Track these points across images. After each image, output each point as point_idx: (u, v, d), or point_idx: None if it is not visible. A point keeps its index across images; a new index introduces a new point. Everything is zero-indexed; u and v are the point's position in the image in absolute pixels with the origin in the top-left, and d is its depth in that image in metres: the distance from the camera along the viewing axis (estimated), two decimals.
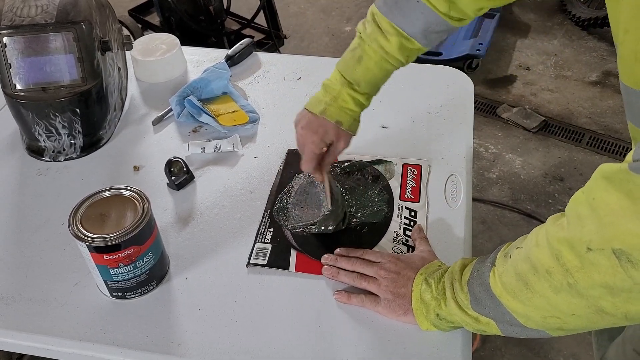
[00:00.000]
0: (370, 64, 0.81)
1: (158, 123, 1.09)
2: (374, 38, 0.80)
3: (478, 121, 2.37)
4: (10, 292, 0.79)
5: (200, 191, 0.94)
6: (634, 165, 0.46)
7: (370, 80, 0.82)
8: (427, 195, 0.92)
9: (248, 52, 1.26)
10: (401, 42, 0.79)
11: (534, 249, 0.56)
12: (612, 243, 0.48)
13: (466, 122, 1.07)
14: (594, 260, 0.50)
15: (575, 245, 0.51)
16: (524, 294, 0.57)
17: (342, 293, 0.76)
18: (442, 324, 0.69)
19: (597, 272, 0.50)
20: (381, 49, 0.80)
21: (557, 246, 0.53)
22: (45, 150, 1.01)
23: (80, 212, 0.73)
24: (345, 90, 0.82)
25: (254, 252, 0.83)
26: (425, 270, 0.73)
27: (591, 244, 0.49)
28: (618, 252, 0.47)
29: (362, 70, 0.81)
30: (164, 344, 0.72)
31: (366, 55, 0.81)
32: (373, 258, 0.78)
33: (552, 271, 0.54)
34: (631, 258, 0.47)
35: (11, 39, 0.93)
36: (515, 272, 0.58)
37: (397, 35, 0.78)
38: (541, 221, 1.96)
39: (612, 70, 2.67)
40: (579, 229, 0.51)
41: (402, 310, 0.72)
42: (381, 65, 0.81)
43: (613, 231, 0.48)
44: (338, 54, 0.86)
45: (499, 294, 0.60)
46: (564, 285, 0.53)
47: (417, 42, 0.79)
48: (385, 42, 0.79)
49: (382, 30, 0.79)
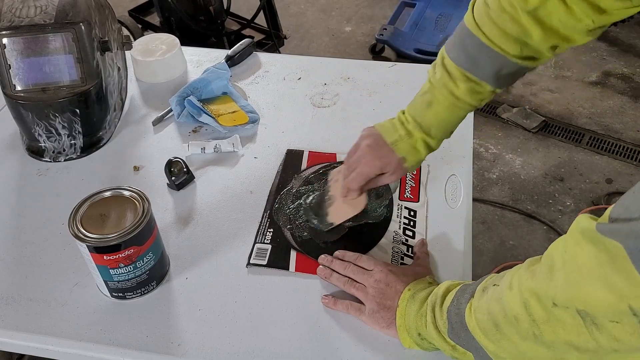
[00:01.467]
0: (440, 109, 0.77)
1: (158, 123, 1.09)
2: (443, 84, 0.76)
3: (478, 121, 2.37)
4: (10, 292, 0.79)
5: (200, 191, 0.94)
6: (601, 226, 0.45)
7: (441, 125, 0.79)
8: (426, 195, 0.92)
9: (248, 52, 1.26)
10: (471, 87, 0.75)
11: (507, 292, 0.55)
12: (575, 303, 0.47)
13: (466, 122, 1.06)
14: (559, 317, 0.49)
15: (542, 297, 0.50)
16: (494, 335, 0.56)
17: (329, 298, 0.76)
18: (424, 344, 0.68)
19: (562, 328, 0.49)
20: (451, 94, 0.76)
21: (526, 295, 0.52)
22: (45, 151, 1.01)
23: (80, 212, 0.73)
24: (418, 132, 0.79)
25: (253, 252, 0.83)
26: (414, 286, 0.72)
27: (556, 299, 0.48)
28: (582, 313, 0.46)
29: (432, 116, 0.78)
30: (164, 344, 0.72)
31: (436, 100, 0.77)
32: (366, 265, 0.77)
33: (519, 319, 0.53)
34: (595, 321, 0.46)
35: (10, 40, 0.93)
36: (488, 311, 0.57)
37: (466, 81, 0.74)
38: (541, 221, 1.97)
39: (612, 71, 2.67)
40: (547, 282, 0.50)
41: (385, 322, 0.71)
42: (452, 111, 0.78)
43: (576, 291, 0.46)
44: (338, 54, 0.86)
45: (471, 329, 0.59)
46: (530, 334, 0.52)
47: (489, 85, 0.75)
48: (455, 87, 0.75)
49: (451, 76, 0.75)
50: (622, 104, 2.48)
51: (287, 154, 1.01)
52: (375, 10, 3.29)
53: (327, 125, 1.08)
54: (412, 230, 0.86)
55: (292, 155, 1.00)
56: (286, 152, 1.01)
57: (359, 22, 3.16)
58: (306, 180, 0.94)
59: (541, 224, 1.98)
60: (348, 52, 2.88)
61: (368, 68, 1.22)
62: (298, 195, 0.91)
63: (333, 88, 1.17)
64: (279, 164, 0.99)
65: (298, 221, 0.87)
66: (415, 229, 0.87)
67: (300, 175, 0.96)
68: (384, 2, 3.33)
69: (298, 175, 0.96)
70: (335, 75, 1.20)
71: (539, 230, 1.96)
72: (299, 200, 0.90)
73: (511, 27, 0.69)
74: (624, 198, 0.45)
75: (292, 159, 0.99)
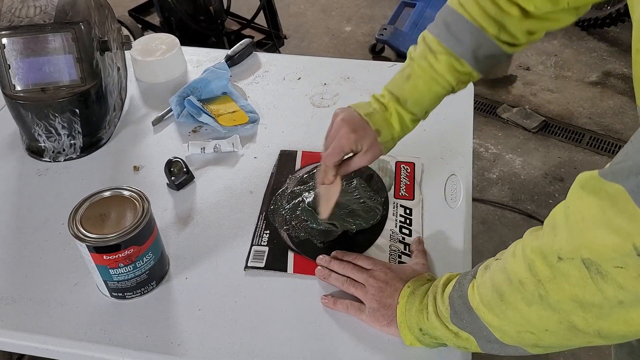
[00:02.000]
0: (418, 82, 0.78)
1: (158, 123, 1.09)
2: (423, 56, 0.77)
3: (478, 121, 2.37)
4: (10, 292, 0.79)
5: (200, 191, 0.94)
6: (604, 171, 0.45)
7: (418, 100, 0.79)
8: (421, 192, 0.92)
9: (248, 52, 1.26)
10: (451, 61, 0.76)
11: (510, 259, 0.56)
12: (580, 252, 0.47)
13: (466, 122, 1.07)
14: (564, 271, 0.49)
15: (547, 254, 0.50)
16: (499, 307, 0.56)
17: (328, 297, 0.76)
18: (425, 339, 0.68)
19: (567, 283, 0.49)
20: (430, 67, 0.77)
21: (530, 256, 0.52)
22: (45, 151, 1.01)
23: (80, 212, 0.73)
24: (393, 104, 0.79)
25: (250, 255, 0.83)
26: (413, 283, 0.72)
27: (561, 252, 0.49)
28: (587, 262, 0.47)
29: (410, 88, 0.78)
30: (164, 344, 0.72)
31: (414, 73, 0.78)
32: (364, 264, 0.77)
33: (524, 282, 0.53)
34: (600, 269, 0.46)
35: (10, 40, 0.93)
36: (492, 284, 0.57)
37: (446, 54, 0.76)
38: (541, 221, 1.96)
39: (612, 71, 2.67)
40: (552, 238, 0.50)
41: (385, 320, 0.71)
42: (430, 85, 0.78)
43: (581, 239, 0.47)
44: (338, 54, 0.86)
45: (475, 307, 0.59)
46: (535, 297, 0.52)
47: (467, 63, 0.76)
48: (435, 60, 0.76)
49: (432, 50, 0.77)
50: (622, 104, 2.48)
51: (280, 155, 1.00)
52: (375, 10, 3.29)
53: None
54: (409, 228, 0.86)
55: (286, 155, 1.00)
56: (279, 153, 1.01)
57: (359, 22, 3.16)
58: (300, 180, 0.94)
59: (541, 224, 1.97)
60: (348, 52, 2.88)
61: (368, 68, 1.22)
62: (293, 196, 0.91)
63: (333, 88, 1.17)
64: (273, 165, 0.99)
65: (294, 222, 0.87)
66: (411, 227, 0.87)
67: (294, 176, 0.95)
68: (384, 2, 3.33)
69: (292, 176, 0.96)
70: (335, 75, 1.20)
71: None
72: (294, 200, 0.90)
73: (490, 7, 0.73)
74: (625, 147, 0.47)
75: (286, 159, 0.99)
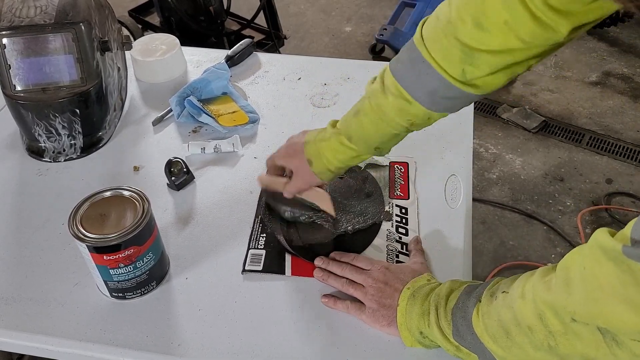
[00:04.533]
0: (365, 120, 0.71)
1: (158, 123, 1.09)
2: (374, 94, 0.70)
3: (478, 121, 2.37)
4: (10, 292, 0.79)
5: (200, 191, 0.94)
6: (629, 250, 0.44)
7: (362, 137, 0.73)
8: (416, 191, 0.92)
9: (248, 52, 1.26)
10: (401, 104, 0.67)
11: (519, 301, 0.55)
12: (596, 320, 0.46)
13: (466, 122, 1.07)
14: (577, 331, 0.48)
15: (560, 312, 0.50)
16: (504, 342, 0.56)
17: (329, 297, 0.76)
18: (426, 341, 0.68)
19: (580, 342, 0.48)
20: (378, 108, 0.70)
21: (541, 307, 0.52)
22: (45, 151, 1.01)
23: (80, 212, 0.73)
24: (336, 138, 0.75)
25: (248, 258, 0.83)
26: (413, 284, 0.72)
27: (575, 315, 0.48)
28: (603, 330, 0.46)
29: (356, 125, 0.73)
30: (164, 344, 0.72)
31: (363, 110, 0.72)
32: (363, 265, 0.77)
33: (534, 329, 0.52)
34: (616, 338, 0.46)
35: (10, 40, 0.93)
36: (498, 318, 0.57)
37: (397, 96, 0.67)
38: (541, 222, 1.97)
39: (612, 71, 2.67)
40: (565, 296, 0.49)
41: (385, 321, 0.71)
42: (378, 125, 0.71)
43: (599, 309, 0.46)
44: (338, 54, 0.86)
45: (479, 334, 0.59)
46: (544, 345, 0.52)
47: (421, 104, 0.67)
48: (384, 100, 0.69)
49: (385, 88, 0.69)
50: (622, 104, 2.48)
51: None
52: (375, 10, 3.29)
53: None
54: (405, 228, 0.87)
55: None
56: None
57: (359, 22, 3.16)
58: None
59: (541, 224, 1.98)
60: (348, 52, 2.88)
61: (368, 68, 1.22)
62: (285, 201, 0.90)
63: (333, 88, 1.17)
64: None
65: (289, 225, 0.86)
66: (407, 226, 0.87)
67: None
68: (384, 2, 3.33)
69: None
70: (335, 75, 1.20)
71: (539, 231, 1.96)
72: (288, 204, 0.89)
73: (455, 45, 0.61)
74: None
75: None
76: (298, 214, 0.86)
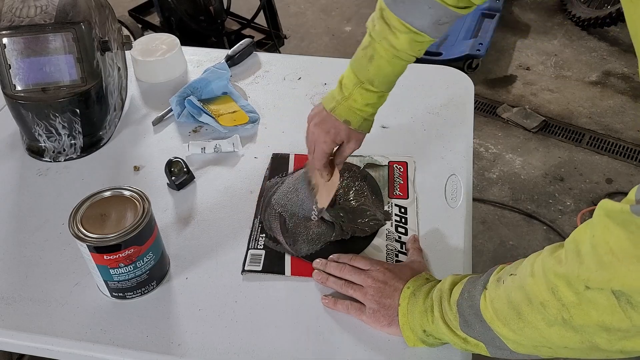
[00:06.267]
0: (381, 62, 0.79)
1: (158, 123, 1.09)
2: (383, 36, 0.78)
3: (478, 121, 2.37)
4: (10, 292, 0.79)
5: (201, 191, 0.94)
6: (637, 208, 0.45)
7: (384, 78, 0.81)
8: (415, 191, 0.92)
9: (248, 52, 1.26)
10: (411, 38, 0.77)
11: (529, 279, 0.55)
12: (611, 284, 0.47)
13: (466, 122, 1.07)
14: (592, 299, 0.49)
15: (573, 282, 0.50)
16: (516, 323, 0.56)
17: (329, 298, 0.76)
18: (429, 340, 0.68)
19: (594, 310, 0.49)
20: (392, 47, 0.78)
21: (553, 280, 0.52)
22: (45, 151, 1.01)
23: (80, 212, 0.73)
24: (357, 90, 0.81)
25: (247, 258, 0.82)
26: (413, 283, 0.72)
27: (589, 282, 0.48)
28: (618, 293, 0.46)
29: (375, 69, 0.80)
30: (164, 344, 0.72)
31: (377, 54, 0.79)
32: (362, 265, 0.77)
33: (547, 304, 0.53)
34: (631, 300, 0.46)
35: (11, 40, 0.93)
36: (508, 300, 0.57)
37: (406, 32, 0.76)
38: (541, 221, 1.97)
39: (612, 71, 2.67)
40: (577, 266, 0.49)
41: (386, 321, 0.71)
42: (393, 62, 0.80)
43: (612, 272, 0.46)
44: (338, 54, 0.86)
45: (489, 320, 0.59)
46: (558, 320, 0.52)
47: (427, 35, 0.78)
48: (395, 39, 0.77)
49: (391, 28, 0.77)
50: (622, 104, 2.48)
51: (272, 159, 1.00)
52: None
53: None
54: (405, 227, 0.87)
55: (278, 159, 1.00)
56: (272, 157, 1.00)
57: (359, 22, 3.16)
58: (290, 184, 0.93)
59: (541, 224, 1.98)
60: (348, 52, 2.88)
61: None
62: (283, 202, 0.90)
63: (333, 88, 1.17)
64: (266, 168, 0.98)
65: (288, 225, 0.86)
66: (407, 225, 0.87)
67: (284, 179, 0.95)
68: None
69: (282, 179, 0.95)
70: (335, 75, 1.18)
71: (539, 230, 1.96)
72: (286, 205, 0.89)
73: None
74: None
75: (278, 163, 0.99)
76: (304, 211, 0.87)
